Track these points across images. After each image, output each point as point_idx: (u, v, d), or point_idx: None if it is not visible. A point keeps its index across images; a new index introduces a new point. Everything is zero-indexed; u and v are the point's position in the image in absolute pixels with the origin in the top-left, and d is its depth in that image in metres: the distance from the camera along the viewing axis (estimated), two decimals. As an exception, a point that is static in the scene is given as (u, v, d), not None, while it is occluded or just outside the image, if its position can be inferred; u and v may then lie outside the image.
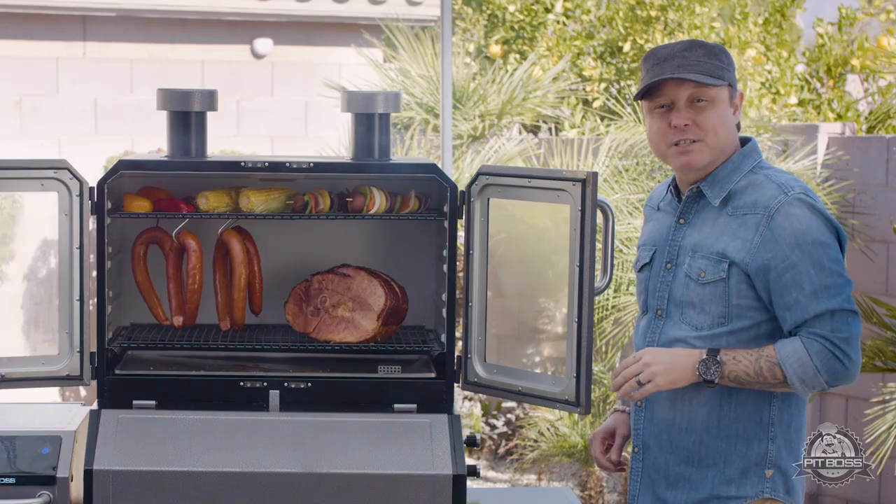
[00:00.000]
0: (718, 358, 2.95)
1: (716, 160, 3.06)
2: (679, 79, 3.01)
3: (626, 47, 9.28)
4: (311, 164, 3.48)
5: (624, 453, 3.36)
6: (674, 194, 3.19)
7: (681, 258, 3.08)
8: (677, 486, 3.05)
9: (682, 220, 3.11)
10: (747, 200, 3.00)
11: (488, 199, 3.48)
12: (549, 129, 9.33)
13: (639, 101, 3.44)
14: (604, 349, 6.75)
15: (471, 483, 3.36)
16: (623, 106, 8.11)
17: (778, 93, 9.03)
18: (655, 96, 3.07)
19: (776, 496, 3.01)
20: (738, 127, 3.12)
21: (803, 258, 2.90)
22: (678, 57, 3.02)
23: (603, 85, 9.34)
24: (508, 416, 8.24)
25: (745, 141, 3.14)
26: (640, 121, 7.55)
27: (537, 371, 3.61)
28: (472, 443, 3.58)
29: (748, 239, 2.97)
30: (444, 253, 3.55)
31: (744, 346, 2.98)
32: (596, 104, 9.21)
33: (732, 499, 3.01)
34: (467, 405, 7.92)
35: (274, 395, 3.45)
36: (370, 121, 3.58)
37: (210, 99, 3.58)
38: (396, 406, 3.44)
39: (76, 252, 3.42)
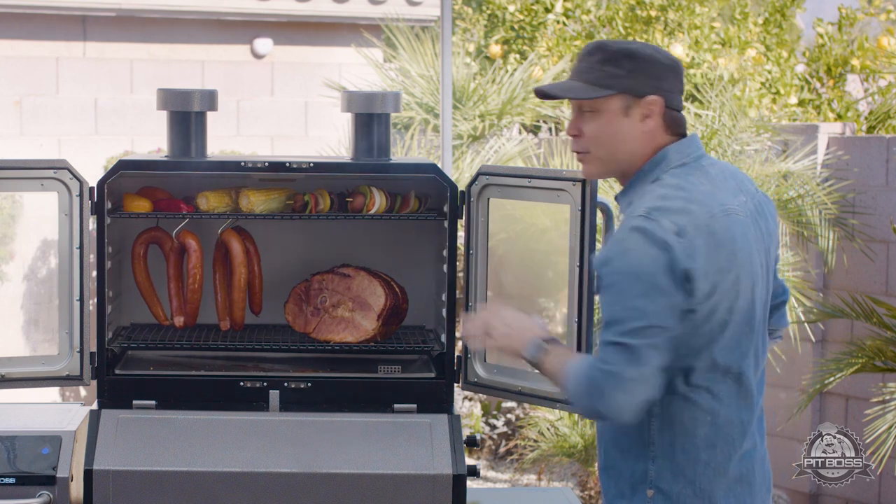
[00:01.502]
0: (546, 346, 2.87)
1: (617, 170, 2.93)
2: (545, 93, 2.91)
3: (626, 47, 9.26)
4: (311, 164, 3.48)
5: None
6: None
7: None
8: (602, 491, 3.02)
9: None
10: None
11: (488, 199, 3.49)
12: (549, 129, 9.33)
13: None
14: (604, 349, 6.74)
15: (471, 483, 3.36)
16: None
17: (778, 93, 9.02)
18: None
19: None
20: (678, 130, 2.89)
21: (613, 285, 2.74)
22: (580, 60, 2.89)
23: (603, 85, 9.33)
24: (508, 416, 8.23)
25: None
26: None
27: (537, 371, 3.61)
28: (472, 443, 3.58)
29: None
30: (444, 253, 3.55)
31: None
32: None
33: None
34: (467, 405, 7.92)
35: (274, 395, 3.45)
36: (370, 121, 3.58)
37: (210, 99, 3.58)
38: (396, 406, 3.44)
39: (76, 252, 3.42)
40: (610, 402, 2.69)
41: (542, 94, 2.95)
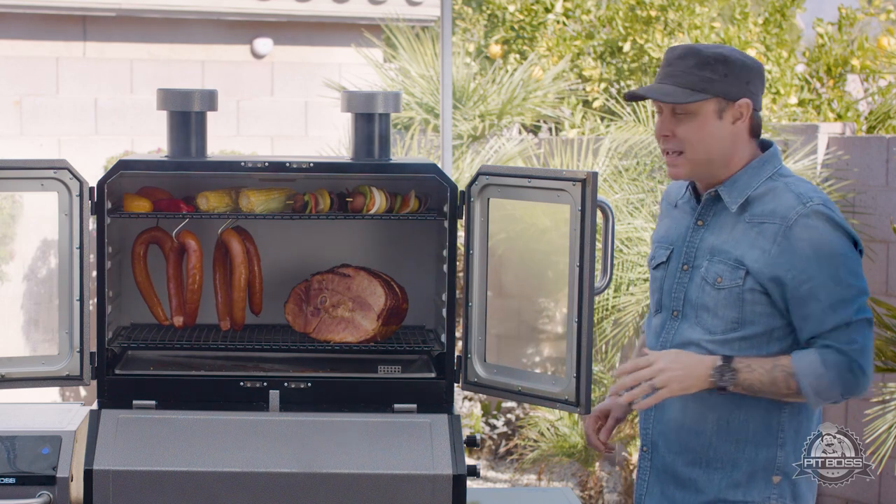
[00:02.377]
0: (733, 365, 2.93)
1: (706, 172, 3.02)
2: (642, 96, 3.02)
3: (626, 47, 9.28)
4: (311, 164, 3.48)
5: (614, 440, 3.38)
6: (692, 193, 3.18)
7: (698, 261, 3.07)
8: (685, 487, 3.04)
9: (700, 222, 3.09)
10: (766, 209, 2.98)
11: (488, 199, 3.48)
12: (549, 129, 9.33)
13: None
14: (604, 349, 6.75)
15: (471, 483, 3.36)
16: (623, 106, 8.11)
17: (778, 93, 9.02)
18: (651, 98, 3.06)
19: (783, 502, 2.99)
20: (758, 132, 3.04)
21: (821, 271, 2.89)
22: (670, 64, 2.99)
23: (603, 85, 9.34)
24: (508, 416, 8.23)
25: (767, 145, 3.11)
26: (639, 121, 7.55)
27: (537, 371, 3.61)
28: (472, 443, 3.58)
29: (766, 249, 2.95)
30: (444, 253, 3.55)
31: (756, 351, 2.97)
32: (596, 104, 9.21)
33: (739, 503, 3.00)
34: (467, 405, 7.92)
35: (274, 395, 3.45)
36: (370, 121, 3.58)
37: (210, 99, 3.58)
38: (396, 406, 3.44)
39: (76, 252, 3.42)
40: (868, 377, 2.92)
41: (636, 96, 3.05)
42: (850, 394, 2.92)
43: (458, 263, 3.61)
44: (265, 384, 3.46)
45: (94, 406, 3.44)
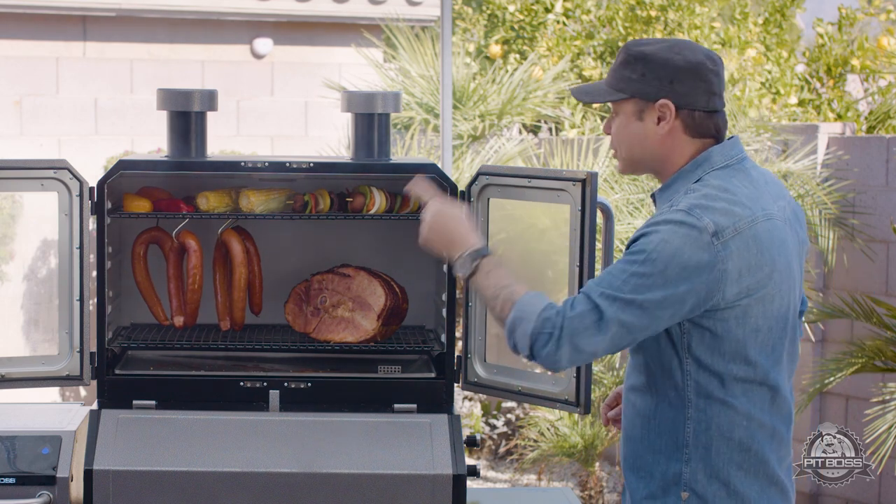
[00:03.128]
0: (477, 263, 2.86)
1: (644, 169, 2.93)
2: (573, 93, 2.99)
3: (626, 47, 9.28)
4: (311, 164, 3.48)
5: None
6: None
7: None
8: (626, 490, 3.01)
9: None
10: None
11: (488, 199, 3.49)
12: (549, 129, 9.33)
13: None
14: (604, 349, 6.73)
15: (471, 483, 3.36)
16: (623, 106, 8.10)
17: (778, 93, 9.03)
18: None
19: None
20: (705, 132, 2.84)
21: (626, 256, 2.74)
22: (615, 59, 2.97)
23: (603, 85, 9.33)
24: (508, 416, 8.24)
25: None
26: (640, 121, 7.54)
27: (537, 371, 3.61)
28: (472, 443, 3.58)
29: None
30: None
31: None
32: (596, 104, 9.22)
33: None
34: (467, 405, 7.92)
35: (274, 395, 3.45)
36: (370, 121, 3.58)
37: (210, 99, 3.58)
38: (396, 406, 3.44)
39: (76, 252, 3.42)
40: (556, 353, 2.69)
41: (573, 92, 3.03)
42: (535, 352, 2.72)
43: (458, 263, 3.60)
44: (265, 384, 3.47)
45: (94, 406, 3.44)
